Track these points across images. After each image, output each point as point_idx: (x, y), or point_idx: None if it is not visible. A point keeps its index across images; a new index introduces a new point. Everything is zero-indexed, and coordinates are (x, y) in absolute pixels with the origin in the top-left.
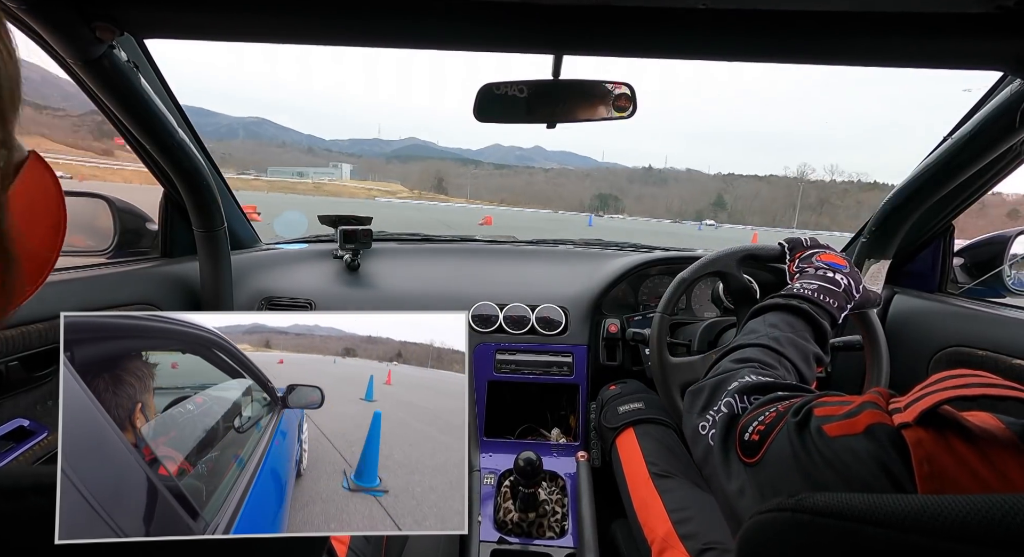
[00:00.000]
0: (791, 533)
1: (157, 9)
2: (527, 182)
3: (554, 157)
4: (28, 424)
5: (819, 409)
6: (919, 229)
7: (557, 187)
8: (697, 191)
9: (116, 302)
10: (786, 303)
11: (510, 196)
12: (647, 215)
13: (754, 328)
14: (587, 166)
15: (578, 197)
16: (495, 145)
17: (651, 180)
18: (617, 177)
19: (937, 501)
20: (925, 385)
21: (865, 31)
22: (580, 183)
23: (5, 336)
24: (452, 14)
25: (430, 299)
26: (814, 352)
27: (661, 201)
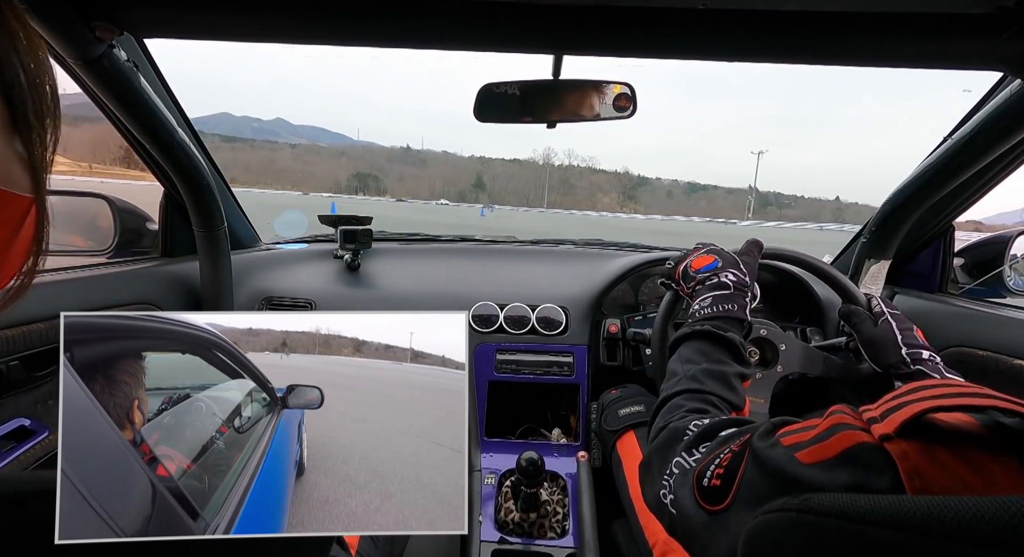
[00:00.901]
0: (795, 533)
1: (157, 9)
2: (268, 159)
3: (302, 132)
4: (29, 423)
5: (786, 438)
6: (919, 229)
7: (307, 165)
8: (456, 173)
9: (116, 302)
10: (691, 331)
11: (244, 174)
12: (410, 196)
13: (673, 370)
14: (341, 143)
15: (333, 177)
16: (223, 113)
17: (410, 160)
18: (375, 156)
19: (943, 502)
20: (897, 394)
21: (865, 31)
22: (335, 162)
23: (6, 336)
24: (452, 14)
25: (430, 299)
26: (734, 372)
27: (424, 182)
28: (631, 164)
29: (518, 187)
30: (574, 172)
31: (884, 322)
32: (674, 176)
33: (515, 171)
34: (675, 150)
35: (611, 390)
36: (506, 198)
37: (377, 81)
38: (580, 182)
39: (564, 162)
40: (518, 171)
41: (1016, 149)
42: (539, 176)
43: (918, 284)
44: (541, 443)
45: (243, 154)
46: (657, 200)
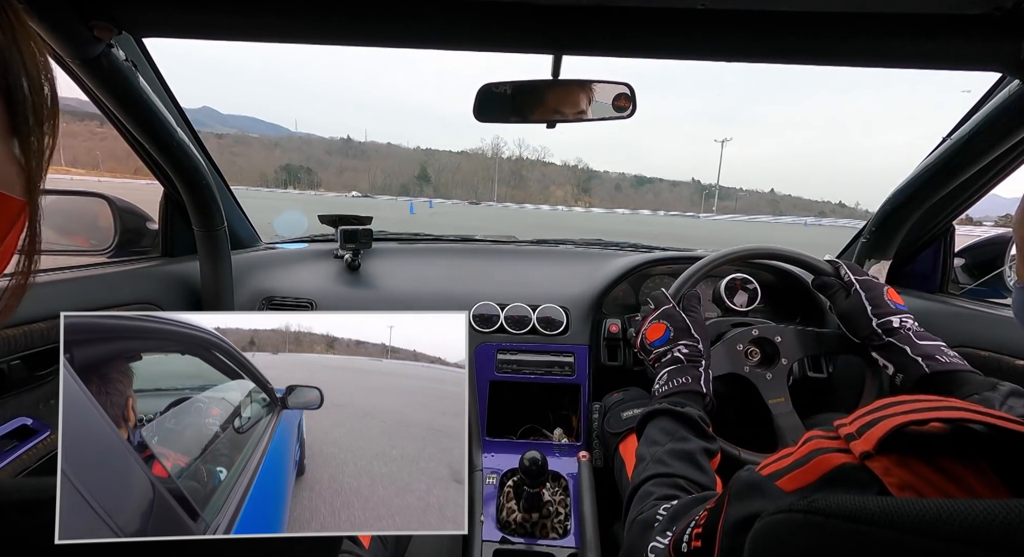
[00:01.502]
0: (802, 534)
1: (155, 8)
2: (218, 147)
3: (232, 122)
4: (31, 423)
5: (764, 469)
6: (919, 229)
7: (234, 157)
8: (400, 165)
9: (117, 302)
10: (651, 410)
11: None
12: (346, 189)
13: (640, 455)
14: (276, 134)
15: (259, 169)
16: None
17: (351, 152)
18: (313, 148)
19: (953, 506)
20: (871, 410)
21: (864, 32)
22: (267, 153)
23: (7, 335)
24: (451, 14)
25: (431, 299)
26: (699, 448)
27: (363, 174)
28: (581, 156)
29: (466, 180)
30: (525, 164)
31: (854, 292)
32: (619, 169)
33: (461, 162)
34: (615, 143)
35: (613, 393)
36: (453, 191)
37: (313, 69)
38: (532, 174)
39: (515, 154)
40: (464, 162)
41: (1016, 149)
42: (488, 168)
43: (919, 284)
44: (543, 443)
45: None
46: (607, 193)
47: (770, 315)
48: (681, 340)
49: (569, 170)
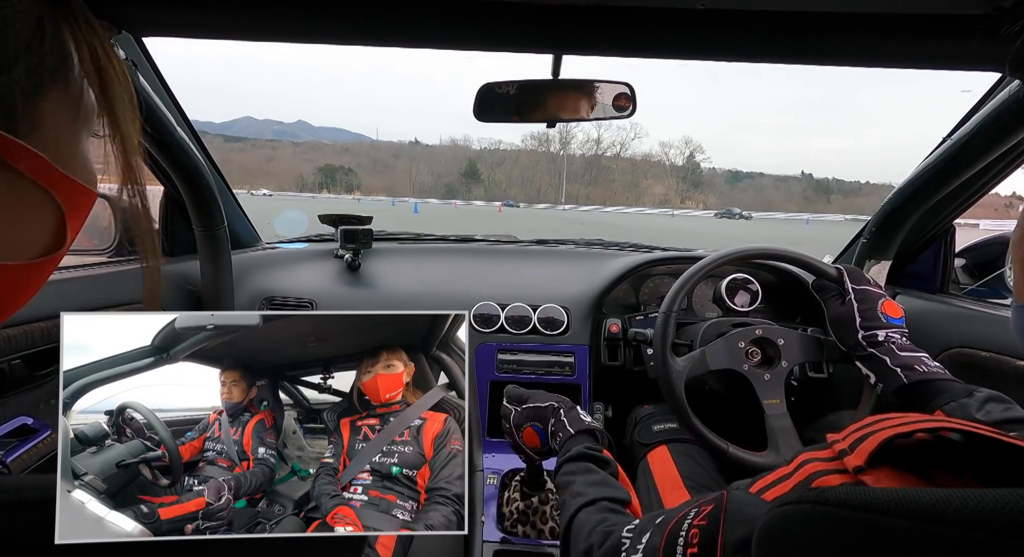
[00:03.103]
0: (812, 525)
1: (155, 7)
2: (268, 158)
3: (322, 133)
4: (32, 422)
5: (765, 494)
6: (919, 230)
7: (307, 162)
8: (447, 163)
9: (117, 301)
10: (556, 471)
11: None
12: (384, 192)
13: (562, 501)
14: (347, 140)
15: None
16: (246, 117)
17: (416, 155)
18: (380, 151)
19: (962, 494)
20: (862, 425)
21: (864, 32)
22: (337, 158)
23: (8, 335)
24: (451, 14)
25: (431, 299)
26: (599, 464)
27: (408, 175)
28: (687, 134)
29: (527, 176)
30: (601, 160)
31: (848, 301)
32: (705, 164)
33: (521, 157)
34: (695, 139)
35: (644, 405)
36: (508, 191)
37: (397, 80)
38: (617, 164)
39: (586, 151)
40: (525, 157)
41: (1016, 149)
42: (553, 161)
43: (919, 285)
44: None
45: (245, 154)
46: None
47: (771, 316)
48: (546, 418)
49: (652, 163)
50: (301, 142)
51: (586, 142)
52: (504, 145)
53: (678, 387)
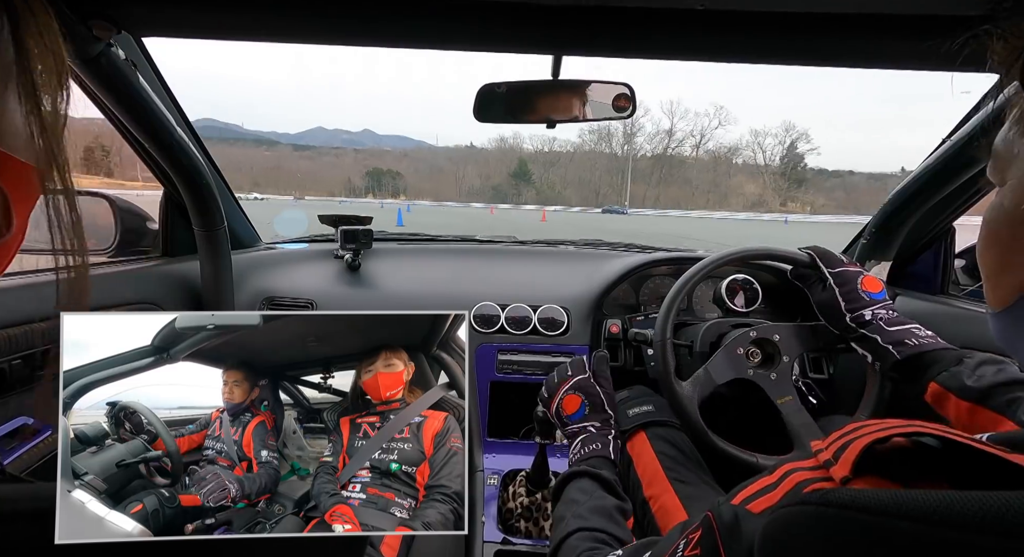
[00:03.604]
0: (816, 527)
1: (155, 7)
2: (332, 165)
3: (387, 141)
4: (32, 422)
5: (751, 505)
6: (920, 230)
7: (365, 168)
8: (498, 165)
9: (117, 301)
10: (568, 473)
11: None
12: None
13: (560, 514)
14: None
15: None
16: (318, 127)
17: (472, 158)
18: (437, 157)
19: (965, 496)
20: (844, 432)
21: (863, 33)
22: (396, 163)
23: (8, 334)
24: (451, 14)
25: (431, 299)
26: (615, 505)
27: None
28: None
29: (585, 177)
30: (673, 155)
31: (828, 286)
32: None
33: (577, 157)
34: (798, 125)
35: (618, 391)
36: (563, 193)
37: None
38: (692, 160)
39: (655, 146)
40: (582, 158)
41: None
42: (614, 160)
43: (919, 286)
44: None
45: (311, 162)
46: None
47: (771, 315)
48: (594, 417)
49: (715, 161)
50: (363, 149)
51: (656, 134)
52: (558, 143)
53: (692, 413)
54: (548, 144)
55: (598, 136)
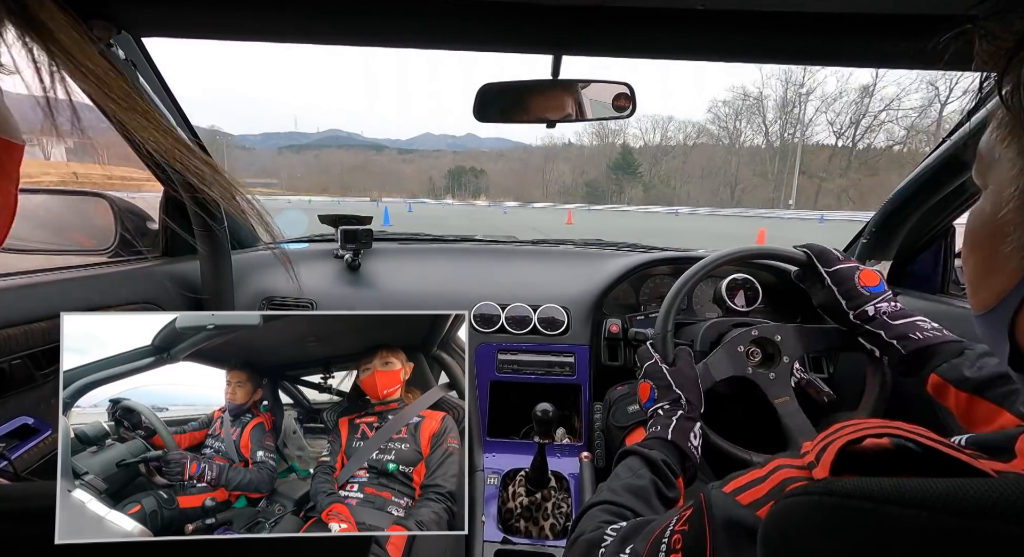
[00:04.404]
0: (818, 516)
1: (155, 8)
2: (432, 166)
3: (489, 143)
4: (32, 422)
5: (740, 497)
6: (920, 230)
7: (462, 165)
8: (601, 158)
9: (117, 301)
10: (621, 452)
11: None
12: (510, 196)
13: (600, 486)
14: (502, 147)
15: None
16: (425, 134)
17: (570, 155)
18: (532, 155)
19: (967, 483)
20: (826, 434)
21: (864, 33)
22: (492, 164)
23: (8, 334)
24: (451, 14)
25: (431, 299)
26: (654, 488)
27: (546, 177)
28: None
29: (712, 168)
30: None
31: (828, 286)
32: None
33: (694, 153)
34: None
35: (617, 386)
36: (681, 191)
37: None
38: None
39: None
40: (699, 154)
41: None
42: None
43: (919, 285)
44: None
45: (410, 165)
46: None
47: (771, 315)
48: (664, 398)
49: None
50: (461, 151)
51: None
52: (674, 124)
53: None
54: (661, 127)
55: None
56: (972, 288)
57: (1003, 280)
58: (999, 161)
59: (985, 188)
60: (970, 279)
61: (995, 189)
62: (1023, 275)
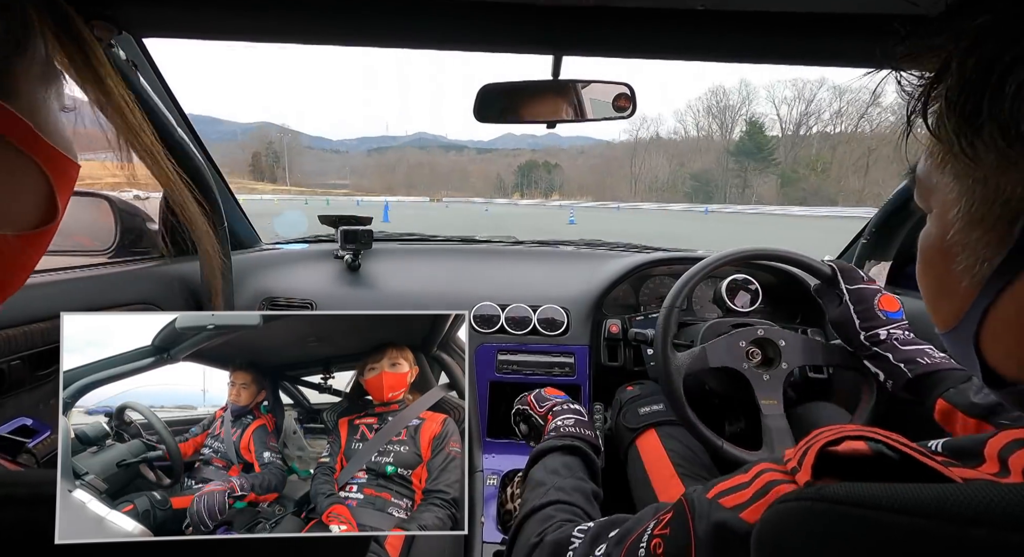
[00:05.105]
0: (810, 522)
1: (156, 8)
2: (509, 163)
3: (570, 141)
4: (31, 422)
5: (723, 500)
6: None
7: (547, 161)
8: (711, 158)
9: (117, 301)
10: (561, 444)
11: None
12: (587, 195)
13: (539, 479)
14: (585, 144)
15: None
16: (507, 134)
17: (653, 148)
18: (614, 150)
19: (958, 489)
20: (808, 439)
21: (864, 33)
22: (571, 161)
23: (8, 335)
24: (452, 14)
25: (431, 299)
26: (591, 490)
27: (634, 173)
28: None
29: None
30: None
31: (844, 303)
32: None
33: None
34: None
35: (627, 386)
36: (826, 188)
37: None
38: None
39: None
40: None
41: None
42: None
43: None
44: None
45: (488, 165)
46: None
47: (770, 316)
48: (576, 410)
49: None
50: (540, 149)
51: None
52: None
53: (676, 381)
54: (806, 96)
55: None
56: (931, 307)
57: (959, 300)
58: (938, 186)
59: (930, 212)
60: (927, 298)
61: (939, 212)
62: (977, 294)
